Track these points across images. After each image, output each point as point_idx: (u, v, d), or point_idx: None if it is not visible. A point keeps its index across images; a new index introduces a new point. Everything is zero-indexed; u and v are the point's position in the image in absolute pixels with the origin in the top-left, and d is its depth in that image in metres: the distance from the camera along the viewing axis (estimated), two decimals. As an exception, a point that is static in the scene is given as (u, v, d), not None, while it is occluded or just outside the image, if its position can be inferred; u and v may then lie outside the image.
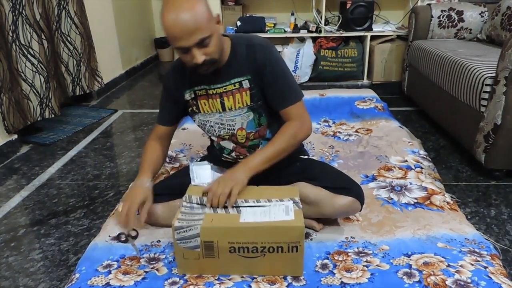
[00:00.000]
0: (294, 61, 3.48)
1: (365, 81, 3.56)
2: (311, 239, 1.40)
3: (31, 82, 2.41)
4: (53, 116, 2.58)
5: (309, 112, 1.43)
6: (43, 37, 2.49)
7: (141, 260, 1.32)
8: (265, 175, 1.33)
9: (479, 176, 1.92)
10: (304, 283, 1.21)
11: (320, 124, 2.43)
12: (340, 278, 1.22)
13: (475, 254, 1.29)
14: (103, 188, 1.92)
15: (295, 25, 3.51)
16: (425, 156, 1.98)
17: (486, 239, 1.38)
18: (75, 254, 1.46)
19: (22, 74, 2.36)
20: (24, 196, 1.88)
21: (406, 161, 1.92)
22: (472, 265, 1.24)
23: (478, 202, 1.71)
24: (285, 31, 3.50)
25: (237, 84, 1.35)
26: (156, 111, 3.02)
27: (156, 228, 1.47)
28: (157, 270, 1.27)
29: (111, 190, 1.90)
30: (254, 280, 1.22)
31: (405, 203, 1.60)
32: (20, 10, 2.32)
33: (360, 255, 1.32)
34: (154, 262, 1.31)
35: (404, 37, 3.33)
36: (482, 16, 2.76)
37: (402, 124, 2.41)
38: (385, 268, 1.25)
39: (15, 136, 2.34)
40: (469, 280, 1.18)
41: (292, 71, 3.48)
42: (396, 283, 1.19)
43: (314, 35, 3.47)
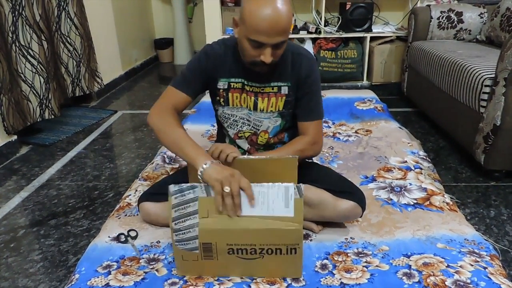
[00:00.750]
0: (294, 62, 3.48)
1: (365, 82, 3.56)
2: (310, 240, 1.40)
3: (30, 83, 2.41)
4: (52, 117, 2.58)
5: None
6: (43, 38, 2.49)
7: (140, 260, 1.32)
8: None
9: (479, 177, 1.92)
10: (304, 284, 1.21)
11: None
12: (340, 279, 1.22)
13: (475, 254, 1.29)
14: (102, 189, 1.92)
15: (295, 26, 3.51)
16: (424, 157, 1.98)
17: (486, 240, 1.38)
18: (75, 254, 1.46)
19: (21, 75, 2.36)
20: (24, 197, 1.88)
21: (406, 162, 1.92)
22: (472, 265, 1.24)
23: (478, 203, 1.72)
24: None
25: (275, 88, 1.36)
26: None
27: (156, 228, 1.47)
28: (157, 271, 1.27)
29: (110, 191, 1.90)
30: (254, 280, 1.22)
31: (405, 203, 1.60)
32: (20, 11, 2.32)
33: (360, 255, 1.32)
34: (153, 262, 1.31)
35: (403, 38, 3.33)
36: (481, 17, 2.77)
37: (401, 125, 2.41)
38: (384, 269, 1.25)
39: (15, 137, 2.34)
40: (468, 281, 1.18)
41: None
42: (396, 284, 1.19)
43: (313, 36, 3.47)
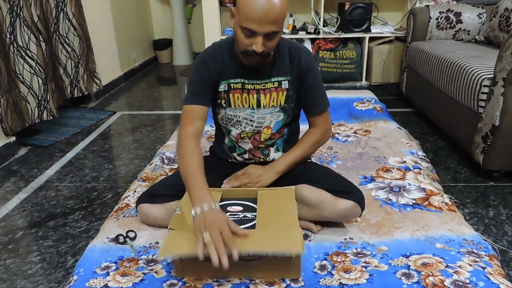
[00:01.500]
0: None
1: (364, 82, 3.56)
2: (309, 240, 1.40)
3: (29, 84, 2.40)
4: (51, 118, 2.57)
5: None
6: (41, 39, 2.49)
7: (139, 262, 1.32)
8: None
9: (478, 177, 1.92)
10: (303, 284, 1.20)
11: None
12: (339, 279, 1.22)
13: (474, 254, 1.29)
14: (101, 190, 1.92)
15: (294, 27, 3.51)
16: (423, 157, 1.98)
17: (485, 240, 1.38)
18: (73, 256, 1.46)
19: (20, 76, 2.36)
20: (22, 198, 1.87)
21: (405, 162, 1.92)
22: (471, 265, 1.24)
23: (477, 203, 1.72)
24: (283, 33, 3.50)
25: (276, 83, 1.38)
26: (155, 112, 3.03)
27: (154, 229, 1.47)
28: (156, 272, 1.27)
29: (109, 192, 1.90)
30: (252, 282, 1.21)
31: (404, 204, 1.60)
32: (18, 12, 2.31)
33: (359, 256, 1.32)
34: (152, 264, 1.31)
35: (402, 38, 3.34)
36: (480, 18, 2.77)
37: (400, 125, 2.41)
38: (383, 269, 1.25)
39: (13, 138, 2.33)
40: (467, 281, 1.18)
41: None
42: (395, 284, 1.19)
43: (312, 36, 3.48)
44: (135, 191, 1.74)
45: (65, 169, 2.14)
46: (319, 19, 3.41)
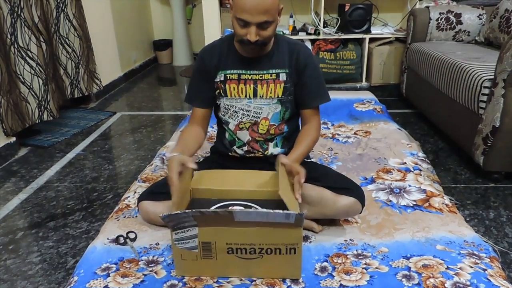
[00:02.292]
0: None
1: (364, 83, 3.57)
2: (310, 242, 1.40)
3: (29, 84, 2.40)
4: (51, 118, 2.57)
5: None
6: (41, 39, 2.49)
7: (139, 262, 1.32)
8: None
9: (478, 178, 1.92)
10: (303, 286, 1.20)
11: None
12: (339, 281, 1.22)
13: (474, 256, 1.29)
14: (101, 191, 1.91)
15: (294, 28, 3.51)
16: (423, 158, 1.98)
17: (485, 242, 1.38)
18: (74, 257, 1.46)
19: (20, 77, 2.36)
20: (23, 199, 1.87)
21: (405, 163, 1.92)
22: (471, 267, 1.24)
23: (477, 205, 1.72)
24: (283, 33, 3.50)
25: (274, 75, 1.41)
26: (155, 113, 3.03)
27: (155, 230, 1.47)
28: (156, 273, 1.27)
29: (109, 192, 1.90)
30: (253, 283, 1.21)
31: (404, 205, 1.60)
32: (19, 13, 2.31)
33: (359, 257, 1.32)
34: (152, 264, 1.31)
35: (402, 39, 3.34)
36: (480, 19, 2.77)
37: (400, 126, 2.41)
38: (384, 271, 1.25)
39: (14, 139, 2.33)
40: (468, 283, 1.18)
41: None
42: (395, 286, 1.19)
43: (312, 37, 3.48)
44: (135, 192, 1.73)
45: (65, 170, 2.14)
46: (319, 20, 3.42)
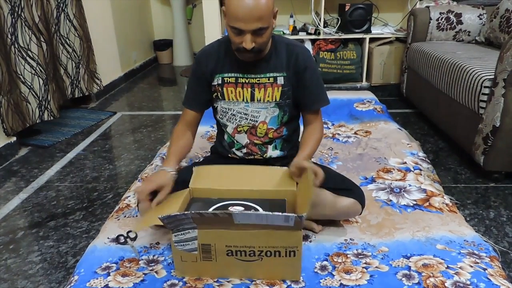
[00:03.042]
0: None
1: (364, 83, 3.57)
2: (310, 241, 1.40)
3: (30, 84, 2.41)
4: (52, 118, 2.57)
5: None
6: (42, 39, 2.49)
7: (140, 262, 1.32)
8: None
9: (478, 178, 1.92)
10: (303, 285, 1.20)
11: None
12: (340, 280, 1.22)
13: (474, 256, 1.29)
14: (102, 190, 1.92)
15: (294, 27, 3.52)
16: (424, 158, 1.98)
17: (485, 241, 1.38)
18: (74, 256, 1.46)
19: (21, 77, 2.36)
20: (23, 198, 1.88)
21: (405, 163, 1.92)
22: (471, 267, 1.24)
23: (477, 204, 1.72)
24: (284, 33, 3.51)
25: (271, 79, 1.39)
26: (155, 113, 3.03)
27: (155, 229, 1.47)
28: (156, 273, 1.27)
29: (110, 192, 1.90)
30: (253, 282, 1.21)
31: (404, 205, 1.60)
32: (19, 13, 2.32)
33: (359, 256, 1.32)
34: (153, 264, 1.31)
35: (402, 39, 3.34)
36: (480, 19, 2.77)
37: (401, 126, 2.41)
38: (384, 270, 1.25)
39: (14, 139, 2.34)
40: (468, 282, 1.18)
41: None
42: (395, 285, 1.19)
43: (313, 37, 3.48)
44: (135, 192, 1.73)
45: (65, 169, 2.14)
46: (320, 20, 3.42)
